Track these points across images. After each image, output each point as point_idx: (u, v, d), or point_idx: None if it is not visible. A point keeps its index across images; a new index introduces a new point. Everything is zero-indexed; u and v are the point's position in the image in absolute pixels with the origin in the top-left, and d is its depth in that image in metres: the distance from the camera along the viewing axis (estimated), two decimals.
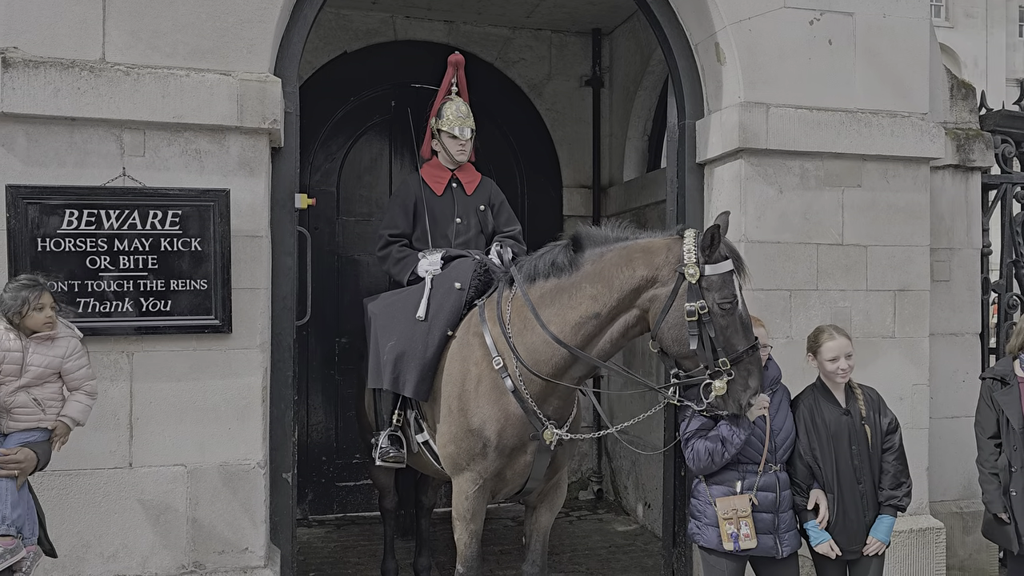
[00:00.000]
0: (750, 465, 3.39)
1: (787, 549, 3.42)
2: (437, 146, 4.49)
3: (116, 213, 3.51)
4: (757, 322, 3.52)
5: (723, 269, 3.19)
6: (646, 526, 6.24)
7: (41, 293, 3.04)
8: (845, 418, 3.47)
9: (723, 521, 3.34)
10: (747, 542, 3.33)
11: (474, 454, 3.54)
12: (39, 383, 3.05)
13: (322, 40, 6.18)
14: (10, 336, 3.01)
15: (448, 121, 4.40)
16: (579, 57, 7.00)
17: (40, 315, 3.02)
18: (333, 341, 6.36)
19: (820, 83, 4.39)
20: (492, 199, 4.52)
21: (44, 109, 3.45)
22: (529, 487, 3.69)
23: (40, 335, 3.04)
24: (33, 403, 3.03)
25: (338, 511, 6.34)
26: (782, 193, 4.34)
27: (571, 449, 3.79)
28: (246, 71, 3.69)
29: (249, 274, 3.69)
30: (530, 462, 3.56)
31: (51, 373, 3.07)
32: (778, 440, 3.44)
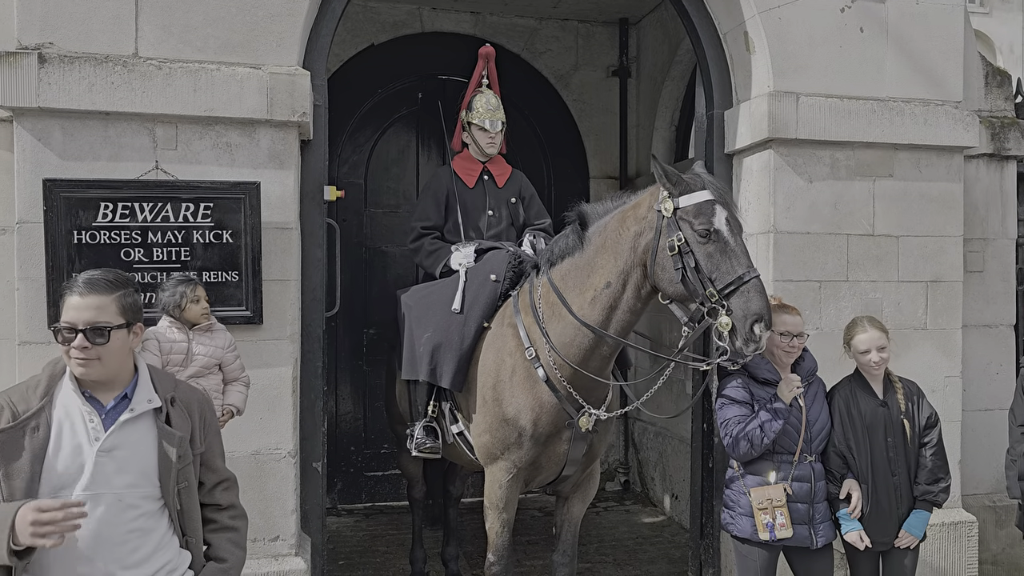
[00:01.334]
0: (785, 455, 3.38)
1: (822, 540, 3.40)
2: (468, 139, 4.50)
3: (149, 206, 3.56)
4: (792, 310, 3.50)
5: (698, 199, 3.18)
6: (673, 517, 6.23)
7: (195, 287, 3.28)
8: (882, 410, 3.44)
9: (758, 511, 3.34)
10: (783, 531, 3.32)
11: (509, 443, 3.57)
12: (204, 373, 3.25)
13: (349, 33, 6.21)
14: (174, 329, 3.23)
15: (478, 113, 4.41)
16: (606, 47, 6.97)
17: (197, 307, 3.26)
18: (361, 332, 6.42)
19: (851, 72, 4.34)
20: (523, 191, 4.53)
21: (79, 104, 3.51)
22: (565, 474, 3.70)
23: (200, 327, 3.26)
24: None
25: (366, 500, 6.40)
26: (812, 183, 4.30)
27: (606, 438, 3.78)
28: (275, 64, 3.73)
29: (279, 266, 3.73)
30: (565, 450, 3.58)
31: (214, 364, 3.29)
32: (814, 431, 3.42)
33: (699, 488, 4.61)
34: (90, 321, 2.05)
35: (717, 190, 3.24)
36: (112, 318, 2.09)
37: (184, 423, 2.23)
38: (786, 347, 3.43)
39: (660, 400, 6.64)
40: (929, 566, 4.38)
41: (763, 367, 3.45)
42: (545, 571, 5.02)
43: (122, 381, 2.18)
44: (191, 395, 2.33)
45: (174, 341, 3.22)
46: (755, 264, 3.16)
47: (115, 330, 2.09)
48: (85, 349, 2.05)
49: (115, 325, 2.09)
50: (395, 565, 5.17)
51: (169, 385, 2.27)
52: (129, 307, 2.15)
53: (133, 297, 2.18)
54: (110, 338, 2.07)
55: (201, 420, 2.29)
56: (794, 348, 3.45)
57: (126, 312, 2.13)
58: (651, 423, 6.77)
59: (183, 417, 2.24)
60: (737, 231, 3.18)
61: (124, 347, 2.14)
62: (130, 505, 2.11)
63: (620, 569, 5.21)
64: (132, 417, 2.14)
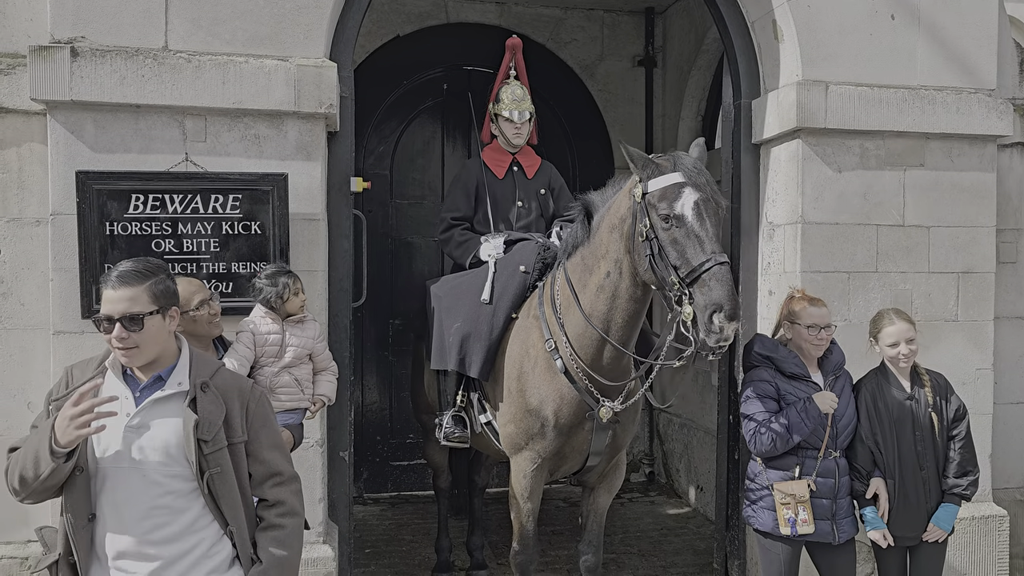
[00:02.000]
0: (810, 450, 3.35)
1: (844, 535, 3.38)
2: (495, 130, 4.50)
3: (179, 197, 3.61)
4: (818, 302, 3.46)
5: (665, 183, 3.10)
6: (698, 509, 6.22)
7: (296, 279, 3.33)
8: (909, 403, 3.40)
9: (780, 506, 3.31)
10: (804, 527, 3.30)
11: (532, 434, 3.59)
12: (296, 364, 3.29)
13: (375, 24, 6.23)
14: (268, 320, 3.27)
15: (504, 105, 4.41)
16: (631, 37, 6.93)
17: (296, 300, 3.31)
18: (387, 323, 6.46)
19: (881, 59, 4.28)
20: (552, 183, 4.53)
21: (110, 97, 3.56)
22: (590, 464, 3.71)
23: (292, 318, 3.30)
24: (295, 383, 3.27)
25: (392, 490, 6.45)
26: (841, 173, 4.25)
27: (631, 429, 3.77)
28: (303, 57, 3.75)
29: (307, 256, 3.76)
30: (588, 440, 3.59)
31: (305, 354, 3.33)
32: (840, 426, 3.39)
33: (725, 480, 4.59)
34: (124, 312, 2.16)
35: (689, 172, 3.11)
36: (144, 307, 2.18)
37: (216, 409, 2.24)
38: (814, 340, 3.39)
39: (686, 392, 6.63)
40: (960, 560, 4.33)
41: (790, 361, 3.42)
42: (570, 561, 5.03)
43: (164, 362, 2.27)
44: (231, 383, 2.35)
45: (269, 333, 3.26)
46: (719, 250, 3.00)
47: (148, 317, 2.18)
48: (123, 339, 2.16)
49: (147, 312, 2.18)
50: (420, 554, 5.21)
51: (206, 371, 2.31)
52: (161, 294, 2.23)
53: (165, 284, 2.26)
54: (144, 325, 2.17)
55: (243, 409, 2.31)
56: (822, 341, 3.41)
57: (158, 299, 2.21)
58: (676, 415, 6.75)
59: (215, 403, 2.25)
60: (710, 214, 3.04)
61: (161, 331, 2.23)
62: (154, 482, 2.18)
63: (645, 560, 5.21)
64: (163, 397, 2.22)
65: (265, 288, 3.28)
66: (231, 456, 2.27)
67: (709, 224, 3.03)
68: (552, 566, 5.05)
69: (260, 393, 2.42)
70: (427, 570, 4.90)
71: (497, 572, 4.86)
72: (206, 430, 2.21)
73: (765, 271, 4.46)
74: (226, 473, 2.25)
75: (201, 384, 2.26)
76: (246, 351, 3.19)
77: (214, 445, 2.22)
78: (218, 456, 2.24)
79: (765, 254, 4.46)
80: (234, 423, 2.28)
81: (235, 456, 2.28)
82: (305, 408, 3.34)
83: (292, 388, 3.28)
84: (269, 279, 3.29)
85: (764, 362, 3.48)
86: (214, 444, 2.22)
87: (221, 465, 2.24)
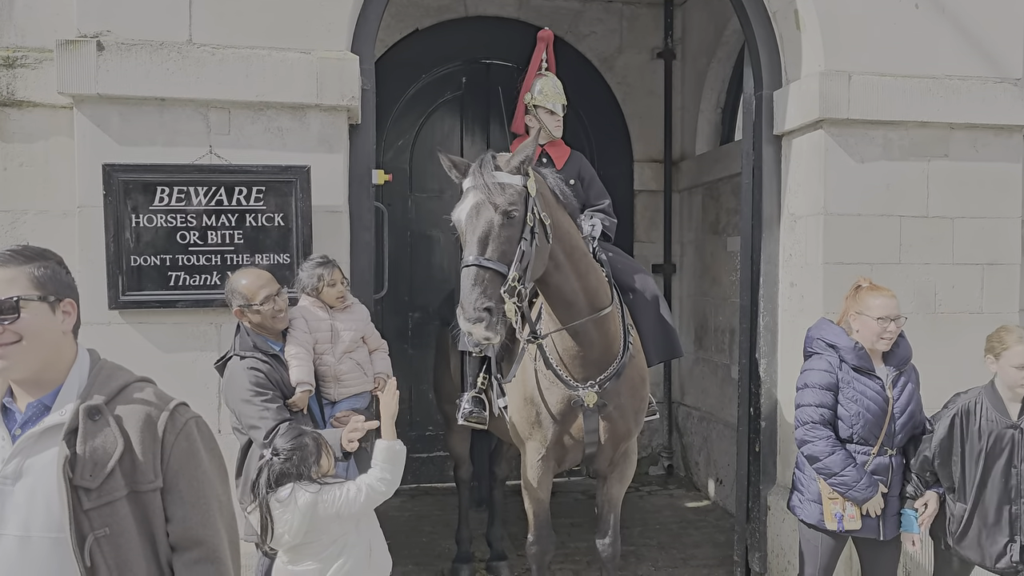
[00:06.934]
0: (863, 447, 3.24)
1: (890, 532, 3.30)
2: (532, 121, 4.49)
3: (204, 190, 3.64)
4: (884, 291, 3.30)
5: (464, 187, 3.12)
6: (718, 502, 6.21)
7: (333, 270, 3.38)
8: (1011, 432, 3.13)
9: (828, 500, 3.24)
10: (851, 523, 3.23)
11: (531, 422, 3.64)
12: (353, 348, 3.38)
13: (394, 18, 6.24)
14: (316, 307, 3.34)
15: (545, 96, 4.40)
16: (650, 29, 6.90)
17: (332, 291, 3.37)
18: (406, 315, 6.48)
19: (905, 49, 4.24)
20: (582, 173, 4.52)
21: (136, 90, 3.60)
22: (591, 452, 3.72)
23: (338, 307, 3.38)
24: (357, 367, 3.38)
25: (412, 482, 6.47)
26: (864, 164, 4.22)
27: (630, 416, 3.72)
28: (325, 49, 3.77)
29: (329, 248, 3.77)
30: (582, 427, 3.60)
31: (359, 337, 3.42)
32: (898, 424, 3.25)
33: (745, 473, 4.59)
34: None
35: (476, 172, 3.06)
36: (23, 290, 1.66)
37: (107, 442, 1.64)
38: (883, 332, 3.22)
39: (706, 385, 6.62)
40: None
41: (854, 352, 3.26)
42: (589, 553, 5.04)
43: (53, 379, 1.71)
44: (143, 404, 1.72)
45: (320, 319, 3.33)
46: (472, 254, 2.94)
47: (27, 303, 1.65)
48: None
49: (26, 297, 1.65)
50: (440, 545, 5.23)
51: (106, 389, 1.72)
52: (48, 279, 1.70)
53: (54, 270, 1.74)
54: (21, 314, 1.64)
55: (157, 442, 1.69)
56: (891, 333, 3.23)
57: (43, 285, 1.69)
58: (695, 407, 6.75)
59: (108, 435, 1.65)
60: (486, 212, 2.97)
61: (48, 328, 1.69)
62: (48, 552, 1.63)
63: (664, 552, 5.21)
64: (42, 431, 1.65)
65: (303, 279, 3.37)
66: (136, 510, 1.66)
67: (479, 224, 2.99)
68: (572, 558, 5.07)
69: (187, 420, 1.76)
70: (448, 561, 4.93)
71: (517, 563, 4.88)
72: (87, 472, 1.61)
73: (787, 262, 4.44)
74: (122, 536, 1.64)
75: (89, 409, 1.66)
76: (303, 335, 3.25)
77: (102, 496, 1.62)
78: (107, 512, 1.63)
79: (787, 245, 4.44)
80: (141, 461, 1.66)
81: (144, 509, 1.67)
82: (369, 390, 3.42)
83: (356, 372, 3.37)
84: (307, 269, 3.37)
85: (827, 350, 3.32)
86: (102, 494, 1.62)
87: (111, 524, 1.63)
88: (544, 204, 3.18)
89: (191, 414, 1.79)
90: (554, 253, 3.23)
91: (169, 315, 3.68)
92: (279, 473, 2.69)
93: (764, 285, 4.49)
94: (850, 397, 3.23)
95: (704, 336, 6.62)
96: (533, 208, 3.06)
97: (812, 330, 3.45)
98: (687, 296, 6.94)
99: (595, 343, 3.48)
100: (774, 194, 4.48)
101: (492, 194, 2.98)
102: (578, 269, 3.37)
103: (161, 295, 3.63)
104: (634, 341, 3.72)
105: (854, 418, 3.22)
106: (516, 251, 2.97)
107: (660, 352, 4.05)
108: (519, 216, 3.00)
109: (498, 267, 2.91)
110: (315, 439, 2.80)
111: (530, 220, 3.03)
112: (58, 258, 1.78)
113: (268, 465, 2.71)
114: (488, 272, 2.90)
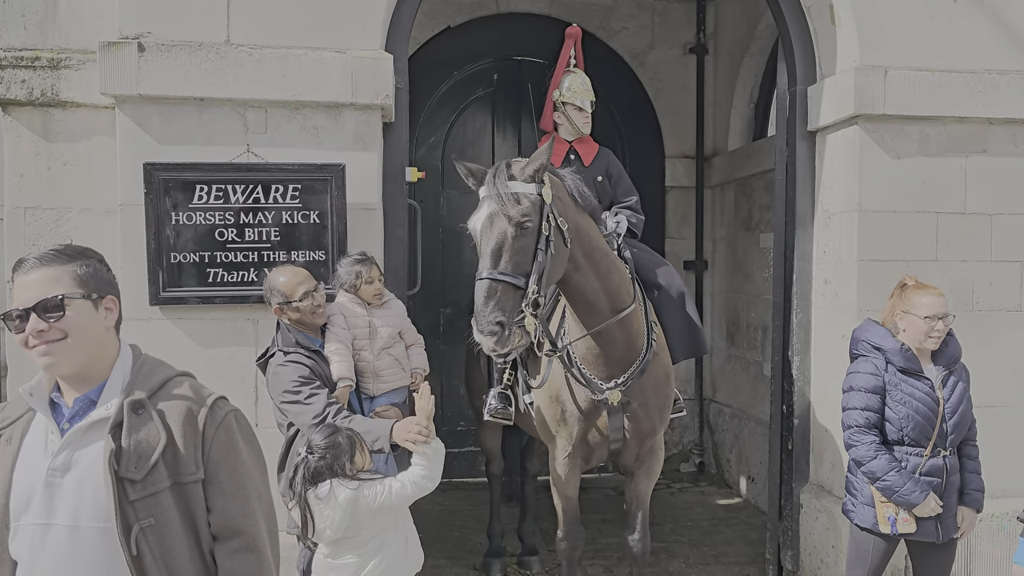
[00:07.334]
0: (915, 448, 3.16)
1: (947, 535, 3.22)
2: (560, 118, 4.50)
3: (242, 188, 3.71)
4: (932, 290, 3.23)
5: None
6: (749, 500, 6.18)
7: (371, 267, 3.43)
8: None
9: (880, 504, 3.16)
10: (905, 527, 3.15)
11: (557, 420, 3.66)
12: (391, 344, 3.44)
13: (426, 16, 6.27)
14: (354, 304, 3.41)
15: (574, 93, 4.41)
16: (682, 24, 6.87)
17: (370, 288, 3.42)
18: (438, 311, 6.52)
19: (942, 43, 4.18)
20: (610, 169, 4.52)
21: (175, 90, 3.67)
22: (615, 448, 3.72)
23: (374, 304, 3.43)
24: (395, 363, 3.43)
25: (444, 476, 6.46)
26: (899, 160, 4.17)
27: (653, 412, 3.70)
28: (359, 49, 3.81)
29: (364, 245, 3.82)
30: (607, 425, 3.61)
31: (396, 332, 3.48)
32: (951, 424, 3.17)
33: (778, 471, 4.56)
34: (39, 297, 1.68)
35: (489, 182, 3.08)
36: (67, 289, 1.71)
37: (151, 436, 1.71)
38: (931, 332, 3.15)
39: (737, 382, 6.59)
40: None
41: (901, 353, 3.19)
42: (620, 549, 5.05)
43: (98, 374, 1.76)
44: (184, 399, 1.78)
45: (358, 315, 3.38)
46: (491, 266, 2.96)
47: (72, 300, 1.70)
48: (41, 332, 1.67)
49: (70, 295, 1.70)
50: (472, 540, 5.27)
51: (148, 384, 1.77)
52: (90, 277, 1.75)
53: (95, 267, 1.78)
54: (67, 312, 1.69)
55: (198, 435, 1.75)
56: (939, 333, 3.17)
57: (86, 283, 1.73)
58: (727, 405, 6.72)
59: (152, 428, 1.71)
60: (499, 223, 2.99)
61: (92, 324, 1.74)
62: (96, 541, 1.69)
63: (695, 549, 5.21)
64: (89, 425, 1.72)
65: (341, 275, 3.43)
66: (179, 501, 1.72)
67: (492, 235, 3.02)
68: (603, 554, 5.08)
69: (227, 414, 1.81)
70: (479, 555, 4.96)
71: (548, 558, 4.90)
72: (132, 464, 1.67)
73: (820, 259, 4.41)
74: (164, 525, 1.70)
75: (132, 403, 1.72)
76: (342, 331, 3.30)
77: (146, 487, 1.68)
78: (152, 503, 1.69)
79: (820, 242, 4.41)
80: (184, 454, 1.72)
81: (187, 500, 1.73)
82: (407, 385, 3.47)
83: (394, 368, 3.42)
84: (345, 266, 3.43)
85: (872, 352, 3.24)
86: (146, 485, 1.68)
87: (155, 514, 1.69)
88: (562, 209, 3.17)
89: (230, 407, 1.84)
90: (573, 255, 3.23)
91: (207, 311, 3.75)
92: (314, 471, 2.75)
93: (797, 282, 4.46)
94: (898, 399, 3.16)
95: (736, 333, 6.58)
96: (548, 216, 3.06)
97: (857, 331, 3.37)
98: (719, 293, 6.91)
99: (618, 342, 3.49)
100: (808, 190, 4.44)
101: (506, 205, 2.99)
102: (598, 270, 3.36)
103: (200, 291, 3.71)
104: (658, 338, 3.71)
105: (903, 420, 3.14)
106: (531, 262, 2.99)
107: (685, 349, 4.05)
108: (533, 226, 3.01)
109: (512, 279, 2.94)
110: (348, 437, 2.84)
111: (545, 229, 3.04)
112: (99, 256, 1.83)
113: (304, 463, 2.76)
114: (501, 285, 2.93)
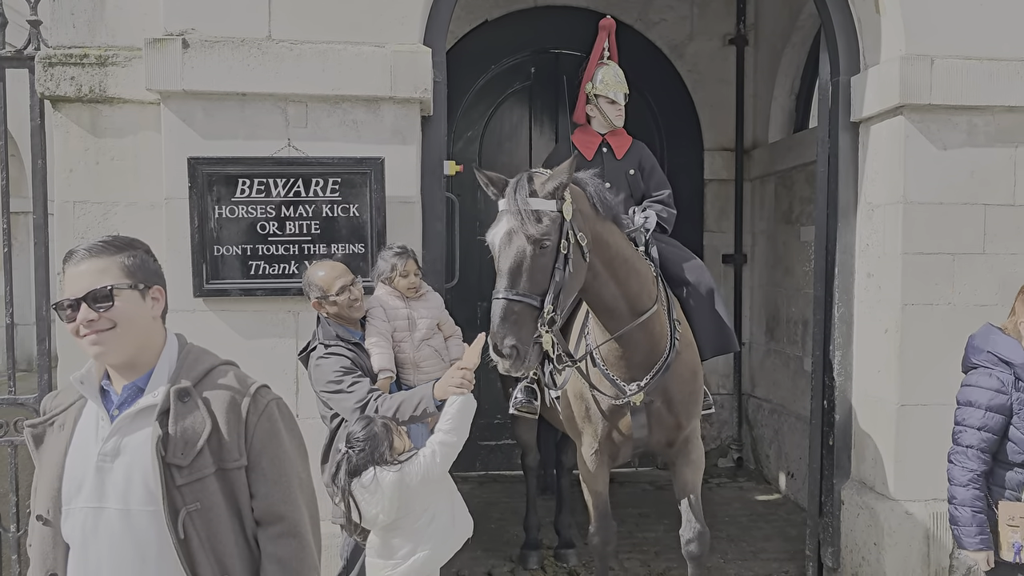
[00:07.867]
0: None
1: None
2: (592, 111, 4.49)
3: (283, 182, 3.75)
4: None
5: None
6: (789, 496, 6.11)
7: (407, 260, 3.47)
8: None
9: (1007, 528, 2.88)
10: None
11: (583, 417, 3.65)
12: (430, 336, 3.48)
13: (464, 9, 6.28)
14: (393, 296, 3.45)
15: (606, 86, 4.40)
16: (722, 15, 6.79)
17: (405, 281, 3.46)
18: (475, 305, 6.54)
19: (991, 31, 4.07)
20: (643, 162, 4.50)
21: (218, 86, 3.72)
22: (639, 445, 3.71)
23: (412, 297, 3.47)
24: (435, 354, 3.47)
25: (480, 469, 6.56)
26: (946, 151, 4.08)
27: (677, 407, 3.63)
28: (398, 43, 3.83)
29: (402, 238, 3.83)
30: (630, 424, 3.59)
31: (435, 324, 3.52)
32: None
33: (818, 467, 4.51)
34: (89, 287, 1.74)
35: (510, 196, 3.01)
36: (115, 279, 1.77)
37: (196, 423, 1.76)
38: None
39: (777, 377, 6.52)
40: None
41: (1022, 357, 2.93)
42: (657, 543, 5.06)
43: (146, 363, 1.83)
44: (227, 387, 1.83)
45: (397, 308, 3.42)
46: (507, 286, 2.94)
47: (120, 291, 1.76)
48: (92, 321, 1.73)
49: (119, 285, 1.77)
50: (509, 532, 5.30)
51: (193, 372, 1.83)
52: (137, 268, 1.81)
53: (142, 258, 1.84)
54: (115, 302, 1.75)
55: (241, 423, 1.80)
56: None
57: (133, 273, 1.80)
58: (766, 400, 6.65)
59: (197, 415, 1.77)
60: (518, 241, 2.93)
61: (140, 313, 1.80)
62: (146, 524, 1.74)
63: (734, 545, 5.17)
64: (140, 410, 1.78)
65: (380, 266, 3.47)
66: (224, 486, 1.77)
67: (510, 252, 2.97)
68: (640, 548, 5.08)
69: (269, 402, 1.86)
70: (516, 547, 4.99)
71: (585, 551, 4.90)
72: (179, 451, 1.73)
73: (863, 252, 4.33)
74: (211, 509, 1.76)
75: (179, 391, 1.77)
76: (382, 324, 3.34)
77: (192, 472, 1.74)
78: (198, 488, 1.74)
79: (863, 235, 4.33)
80: (228, 441, 1.77)
81: (231, 486, 1.78)
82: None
83: (434, 359, 3.45)
84: (384, 259, 3.47)
85: (998, 366, 2.93)
86: (192, 471, 1.74)
87: (202, 499, 1.74)
88: (582, 223, 3.11)
89: (272, 396, 1.89)
90: (592, 264, 3.20)
91: (249, 303, 3.82)
92: (355, 464, 2.79)
93: (839, 276, 4.39)
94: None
95: (776, 327, 6.51)
96: (568, 233, 3.02)
97: (978, 340, 3.07)
98: (758, 287, 6.83)
99: (640, 345, 3.45)
100: (850, 182, 4.37)
101: (525, 224, 2.95)
102: (617, 276, 3.32)
103: (242, 283, 3.77)
104: (682, 336, 3.65)
105: None
106: (549, 280, 2.96)
107: (714, 347, 4.00)
108: (552, 244, 2.98)
109: (529, 300, 2.92)
110: (384, 425, 2.88)
111: (563, 247, 3.00)
112: (146, 247, 1.89)
113: (345, 458, 2.81)
114: (518, 305, 2.91)
